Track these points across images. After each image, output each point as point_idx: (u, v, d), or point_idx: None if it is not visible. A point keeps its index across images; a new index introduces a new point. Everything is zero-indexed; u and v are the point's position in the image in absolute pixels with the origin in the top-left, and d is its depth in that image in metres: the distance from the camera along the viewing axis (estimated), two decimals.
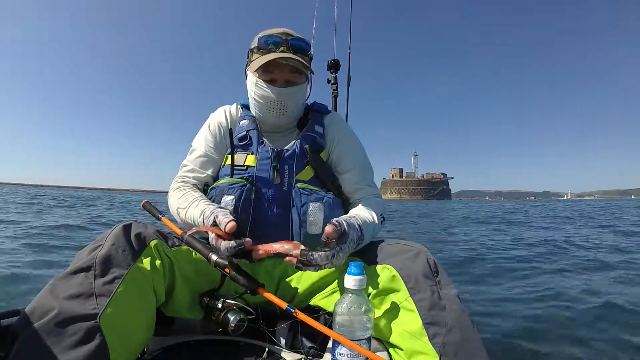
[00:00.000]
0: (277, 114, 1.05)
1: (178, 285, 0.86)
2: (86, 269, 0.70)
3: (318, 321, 0.71)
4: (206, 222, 0.85)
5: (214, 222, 0.83)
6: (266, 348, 0.86)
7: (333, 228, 0.77)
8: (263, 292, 0.79)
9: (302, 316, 0.73)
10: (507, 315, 2.22)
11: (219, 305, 0.85)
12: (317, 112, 1.16)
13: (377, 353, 0.75)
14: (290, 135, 1.11)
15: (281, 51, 1.01)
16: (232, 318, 0.82)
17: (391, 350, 0.76)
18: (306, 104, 1.17)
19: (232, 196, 0.96)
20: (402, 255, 0.81)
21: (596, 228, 8.30)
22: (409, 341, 0.70)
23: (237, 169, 1.02)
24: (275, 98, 1.02)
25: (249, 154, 1.03)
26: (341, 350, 0.66)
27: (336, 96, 2.12)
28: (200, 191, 1.03)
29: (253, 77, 1.05)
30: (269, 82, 1.03)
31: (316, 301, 0.94)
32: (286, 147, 1.04)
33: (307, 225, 0.96)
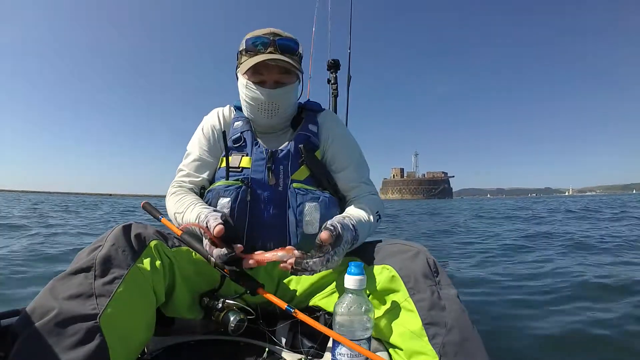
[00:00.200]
0: (269, 115, 1.05)
1: (178, 285, 0.86)
2: (86, 270, 0.70)
3: (318, 321, 0.71)
4: (201, 227, 0.85)
5: (207, 227, 0.82)
6: (266, 348, 0.86)
7: (328, 234, 0.77)
8: (263, 293, 0.79)
9: (302, 316, 0.73)
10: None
11: (219, 305, 0.85)
12: (311, 111, 1.16)
13: (377, 353, 0.74)
14: (284, 135, 1.11)
15: (269, 52, 1.00)
16: (232, 318, 0.83)
17: (391, 350, 0.76)
18: (299, 103, 1.17)
19: (228, 198, 0.96)
20: (402, 255, 0.81)
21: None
22: (409, 341, 0.70)
23: (233, 171, 1.02)
24: (265, 99, 1.02)
25: (244, 156, 1.03)
26: (341, 350, 0.66)
27: (336, 96, 2.12)
28: (197, 195, 1.04)
29: (243, 80, 1.04)
30: (259, 84, 1.03)
31: (316, 301, 0.94)
32: (280, 148, 1.04)
33: (304, 225, 0.96)
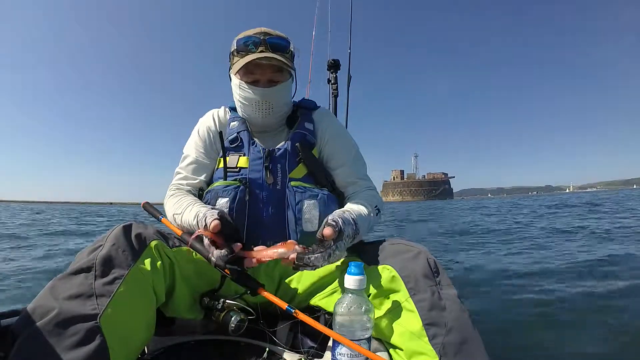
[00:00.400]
0: (263, 115, 1.05)
1: (178, 285, 0.86)
2: (86, 270, 0.70)
3: (318, 321, 0.71)
4: (200, 225, 0.85)
5: (206, 225, 0.83)
6: (266, 348, 0.86)
7: (331, 230, 0.78)
8: (263, 293, 0.79)
9: (302, 316, 0.73)
10: None
11: (219, 305, 0.85)
12: (306, 109, 1.16)
13: (377, 353, 0.74)
14: (280, 134, 1.11)
15: (260, 51, 1.01)
16: (233, 318, 0.83)
17: (391, 350, 0.76)
18: (294, 102, 1.17)
19: (227, 198, 0.97)
20: (402, 255, 0.81)
21: None
22: (409, 341, 0.70)
23: (230, 171, 1.03)
24: (259, 99, 1.02)
25: (241, 156, 1.04)
26: (341, 350, 0.66)
27: (336, 96, 2.13)
28: (195, 196, 1.04)
29: (236, 80, 1.05)
30: (252, 83, 1.03)
31: (316, 301, 0.94)
32: (277, 147, 1.04)
33: (303, 222, 0.97)
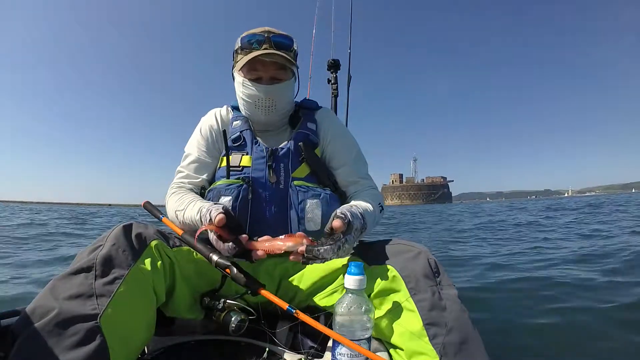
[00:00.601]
0: (266, 112, 1.05)
1: (178, 285, 0.86)
2: (86, 270, 0.69)
3: (318, 321, 0.71)
4: (204, 220, 0.85)
5: (210, 220, 0.83)
6: (267, 348, 0.86)
7: (341, 222, 0.78)
8: (264, 293, 0.79)
9: (303, 316, 0.73)
10: None
11: (220, 305, 0.84)
12: (308, 109, 1.17)
13: (378, 353, 0.74)
14: (283, 133, 1.12)
15: (264, 49, 1.01)
16: (233, 318, 0.82)
17: (391, 350, 0.76)
18: (296, 102, 1.18)
19: (229, 197, 0.97)
20: (403, 255, 0.81)
21: None
22: (410, 341, 0.70)
23: (233, 170, 1.03)
24: (262, 96, 1.03)
25: (244, 155, 1.04)
26: (341, 350, 0.66)
27: (336, 96, 2.12)
28: (196, 194, 1.04)
29: (239, 78, 1.06)
30: (255, 81, 1.04)
31: (317, 301, 0.93)
32: (280, 146, 1.05)
33: (306, 222, 0.97)
